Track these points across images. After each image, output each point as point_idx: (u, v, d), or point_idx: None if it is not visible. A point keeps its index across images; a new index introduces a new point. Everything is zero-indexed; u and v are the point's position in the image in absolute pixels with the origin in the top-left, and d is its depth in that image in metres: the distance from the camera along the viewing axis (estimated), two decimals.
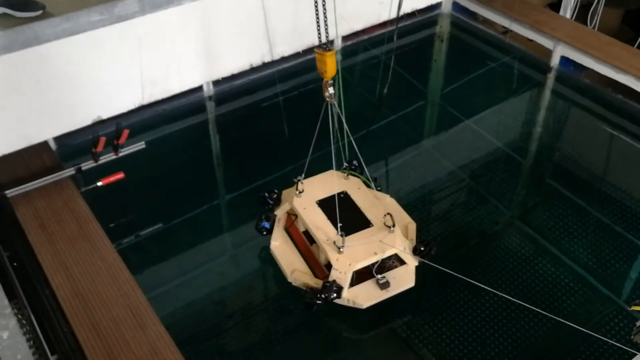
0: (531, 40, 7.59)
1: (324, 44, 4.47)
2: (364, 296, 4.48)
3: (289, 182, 5.54)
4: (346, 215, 4.64)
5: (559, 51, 7.29)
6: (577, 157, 6.49)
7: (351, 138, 4.88)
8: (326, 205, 4.80)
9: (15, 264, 4.78)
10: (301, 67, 7.22)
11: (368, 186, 5.10)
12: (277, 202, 5.06)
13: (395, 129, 6.77)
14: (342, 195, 4.87)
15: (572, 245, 5.38)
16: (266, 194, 5.07)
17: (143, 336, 4.15)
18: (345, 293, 4.43)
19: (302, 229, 4.97)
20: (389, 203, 5.06)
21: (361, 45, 7.85)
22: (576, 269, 5.17)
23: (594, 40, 7.13)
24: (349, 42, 7.75)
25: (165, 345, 4.11)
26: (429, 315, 4.77)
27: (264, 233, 4.96)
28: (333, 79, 4.59)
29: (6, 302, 2.49)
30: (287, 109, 6.77)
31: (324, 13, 4.48)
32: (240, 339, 4.74)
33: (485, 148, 6.50)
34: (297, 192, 4.88)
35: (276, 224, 4.97)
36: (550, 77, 7.41)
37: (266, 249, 5.04)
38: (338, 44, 7.62)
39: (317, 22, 4.50)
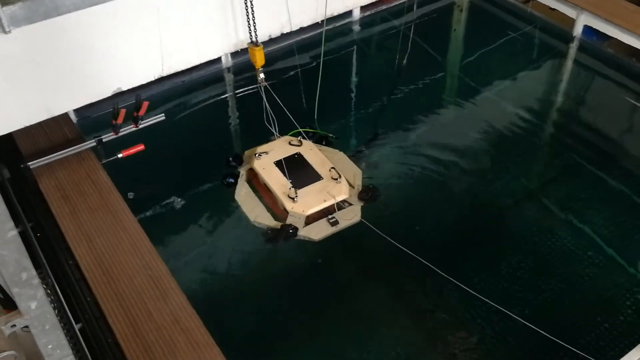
0: (553, 9, 7.45)
1: (254, 41, 5.81)
2: (316, 232, 5.26)
3: None
4: (300, 172, 5.61)
5: (582, 20, 7.15)
6: (599, 129, 6.40)
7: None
8: (282, 164, 5.66)
9: (38, 234, 4.87)
10: (319, 37, 7.15)
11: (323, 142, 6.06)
12: (241, 163, 5.93)
13: (414, 100, 6.72)
14: (296, 156, 5.80)
15: (593, 217, 5.34)
16: (230, 159, 5.91)
17: (165, 306, 4.23)
18: (301, 231, 5.25)
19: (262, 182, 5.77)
20: (340, 157, 5.95)
21: (379, 16, 7.76)
22: (597, 240, 5.15)
23: (618, 9, 6.98)
24: (367, 13, 7.66)
25: (187, 314, 4.18)
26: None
27: (229, 186, 5.70)
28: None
29: (34, 272, 2.51)
30: (306, 80, 6.72)
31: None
32: (259, 307, 4.82)
33: (505, 120, 6.43)
34: (257, 155, 5.75)
35: (240, 179, 5.74)
36: (573, 47, 7.28)
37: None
38: (357, 14, 7.54)
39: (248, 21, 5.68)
